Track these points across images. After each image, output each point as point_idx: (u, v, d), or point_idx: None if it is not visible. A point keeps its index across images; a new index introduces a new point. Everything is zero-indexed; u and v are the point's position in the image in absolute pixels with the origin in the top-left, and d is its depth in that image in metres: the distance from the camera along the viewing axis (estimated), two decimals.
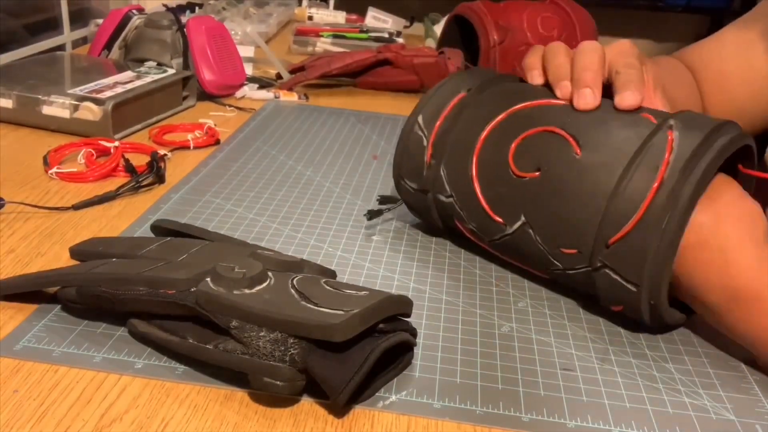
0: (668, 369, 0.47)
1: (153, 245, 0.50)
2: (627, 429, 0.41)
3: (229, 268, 0.43)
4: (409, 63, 1.07)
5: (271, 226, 0.62)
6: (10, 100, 0.79)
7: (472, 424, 0.41)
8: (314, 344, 0.40)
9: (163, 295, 0.43)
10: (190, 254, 0.47)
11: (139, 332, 0.44)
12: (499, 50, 1.07)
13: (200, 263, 0.45)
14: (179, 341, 0.43)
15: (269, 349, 0.40)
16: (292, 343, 0.40)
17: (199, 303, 0.42)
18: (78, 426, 0.38)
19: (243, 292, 0.42)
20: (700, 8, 2.76)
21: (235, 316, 0.41)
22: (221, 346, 0.41)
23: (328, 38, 1.33)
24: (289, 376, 0.39)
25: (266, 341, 0.40)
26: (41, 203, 0.62)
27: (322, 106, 1.00)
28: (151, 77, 0.87)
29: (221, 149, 0.79)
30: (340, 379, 0.39)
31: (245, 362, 0.40)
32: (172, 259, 0.47)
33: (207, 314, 0.41)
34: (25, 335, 0.44)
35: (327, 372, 0.39)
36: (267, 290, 0.43)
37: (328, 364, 0.40)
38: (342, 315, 0.40)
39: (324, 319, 0.40)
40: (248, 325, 0.40)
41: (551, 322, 0.51)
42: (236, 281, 0.42)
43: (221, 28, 1.01)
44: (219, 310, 0.41)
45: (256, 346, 0.40)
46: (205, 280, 0.43)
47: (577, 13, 1.13)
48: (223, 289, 0.42)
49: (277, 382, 0.39)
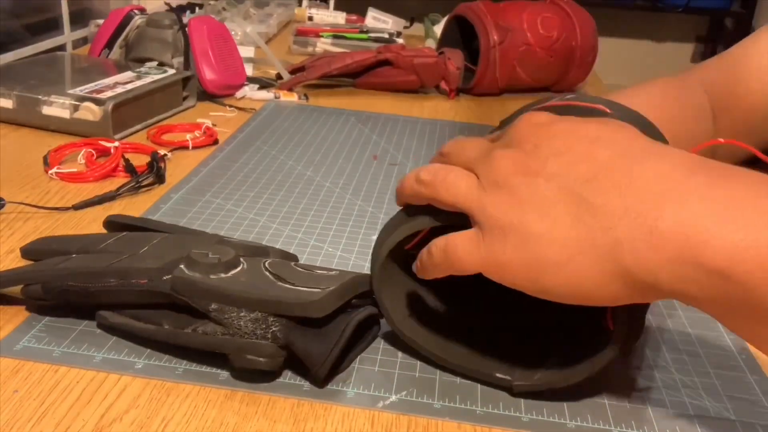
0: (668, 369, 0.47)
1: (110, 240, 0.50)
2: (627, 429, 0.41)
3: (203, 255, 0.44)
4: (409, 63, 1.07)
5: (271, 226, 0.62)
6: (11, 100, 0.79)
7: (472, 424, 0.41)
8: (293, 321, 0.42)
9: (135, 285, 0.44)
10: (152, 246, 0.48)
11: (110, 324, 0.45)
12: (499, 50, 1.07)
13: (165, 254, 0.46)
14: (155, 329, 0.43)
15: (251, 328, 0.41)
16: (273, 321, 0.41)
17: (176, 289, 0.43)
18: (78, 426, 0.38)
19: (219, 276, 0.43)
20: (700, 8, 2.76)
21: (215, 299, 0.42)
22: (200, 329, 0.42)
23: (328, 39, 1.33)
24: (270, 352, 0.41)
25: (247, 320, 0.41)
26: (41, 203, 0.62)
27: (322, 106, 1.00)
28: (151, 77, 0.87)
29: (221, 149, 0.79)
30: (320, 352, 0.41)
31: (227, 342, 0.41)
32: (135, 252, 0.47)
33: (184, 299, 0.42)
34: (25, 335, 0.44)
35: (308, 346, 0.41)
36: (242, 273, 0.44)
37: (308, 339, 0.41)
38: (319, 292, 0.42)
39: (303, 297, 0.42)
40: (228, 307, 0.42)
41: None
42: (212, 266, 0.44)
43: (222, 28, 1.02)
44: (198, 294, 0.42)
45: (237, 326, 0.41)
46: (180, 267, 0.44)
47: (577, 13, 1.14)
48: (199, 274, 0.43)
49: (260, 358, 0.41)
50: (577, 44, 1.12)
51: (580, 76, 1.17)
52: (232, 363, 0.42)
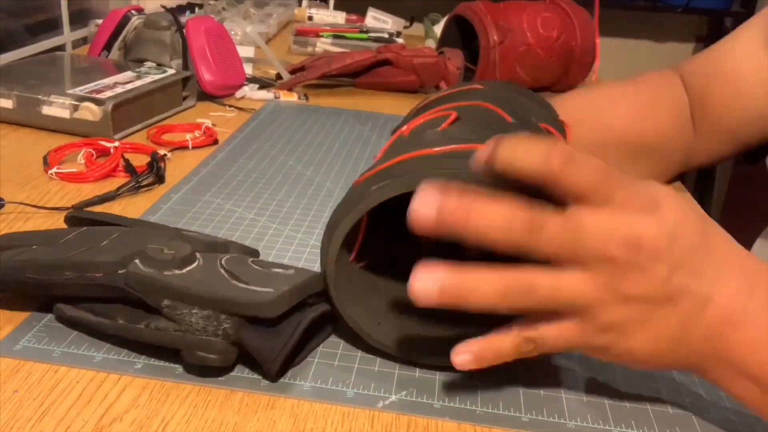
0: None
1: (71, 234, 0.50)
2: (627, 429, 0.41)
3: (158, 250, 0.44)
4: (408, 63, 1.07)
5: (271, 226, 0.62)
6: (10, 100, 0.79)
7: (472, 424, 0.41)
8: (245, 319, 0.42)
9: (91, 279, 0.44)
10: (111, 240, 0.48)
11: (67, 317, 0.45)
12: (499, 50, 1.07)
13: (124, 248, 0.46)
14: (110, 323, 0.44)
15: (202, 325, 0.41)
16: (224, 319, 0.42)
17: (129, 284, 0.43)
18: (78, 426, 0.38)
19: (173, 272, 0.43)
20: (700, 8, 2.76)
21: (167, 295, 0.42)
22: (153, 324, 0.42)
23: (328, 38, 1.33)
24: (221, 349, 0.41)
25: (199, 317, 0.42)
26: (41, 203, 0.62)
27: (322, 106, 1.00)
28: (151, 77, 0.87)
29: (221, 149, 0.79)
30: (271, 349, 0.41)
31: (178, 338, 0.42)
32: (95, 245, 0.47)
33: (138, 295, 0.43)
34: (25, 335, 0.44)
35: (259, 344, 0.42)
36: (197, 270, 0.44)
37: (259, 336, 0.42)
38: (272, 293, 0.42)
39: (254, 297, 0.42)
40: (180, 303, 0.42)
41: None
42: (166, 262, 0.44)
43: (220, 28, 1.01)
44: (151, 290, 0.43)
45: (189, 323, 0.42)
46: (134, 262, 0.44)
47: (577, 13, 1.14)
48: (154, 270, 0.43)
49: (211, 355, 0.41)
50: (577, 44, 1.12)
51: (580, 76, 1.17)
52: (184, 359, 0.42)
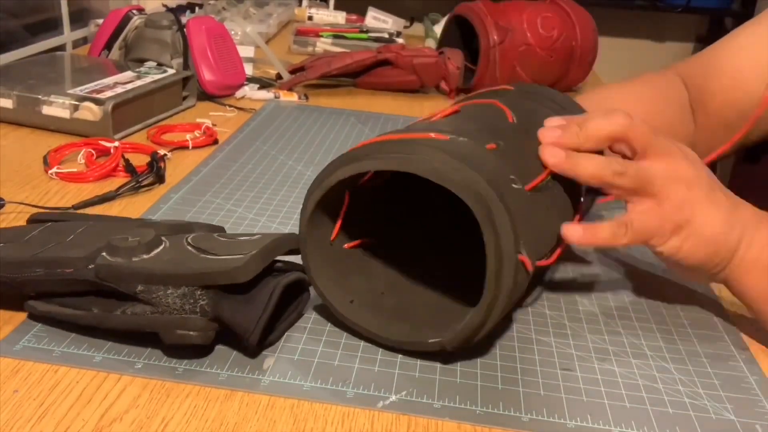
0: (668, 369, 0.47)
1: (34, 231, 0.50)
2: (627, 429, 0.41)
3: (123, 239, 0.45)
4: (409, 63, 1.07)
5: (271, 226, 0.62)
6: (10, 100, 0.79)
7: (472, 424, 0.41)
8: (221, 292, 0.42)
9: (61, 274, 0.44)
10: (77, 235, 0.48)
11: (39, 313, 0.45)
12: (499, 50, 1.07)
13: (91, 241, 0.46)
14: (84, 314, 0.44)
15: (179, 304, 0.42)
16: (200, 295, 0.42)
17: (101, 276, 0.43)
18: (78, 426, 0.38)
19: (141, 257, 0.44)
20: (700, 8, 2.76)
21: (140, 281, 0.43)
22: (129, 310, 0.43)
23: (328, 38, 1.33)
24: (201, 326, 0.42)
25: (175, 297, 0.42)
26: (41, 203, 0.62)
27: (322, 106, 1.00)
28: (151, 77, 0.87)
29: (221, 149, 0.79)
30: (250, 319, 0.42)
31: (156, 320, 0.42)
32: (61, 241, 0.47)
33: (110, 285, 0.43)
34: (25, 335, 0.44)
35: (237, 315, 0.42)
36: (165, 252, 0.45)
37: (236, 308, 0.42)
38: (242, 258, 0.42)
39: (226, 264, 0.42)
40: (154, 286, 0.42)
41: (551, 322, 0.51)
42: (132, 249, 0.44)
43: (221, 28, 1.01)
44: (123, 278, 0.43)
45: (166, 304, 0.42)
46: (102, 255, 0.44)
47: (577, 13, 1.14)
48: (122, 258, 0.44)
49: (190, 332, 0.42)
50: (577, 44, 1.12)
51: (580, 76, 1.17)
52: (164, 340, 0.42)
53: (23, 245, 0.47)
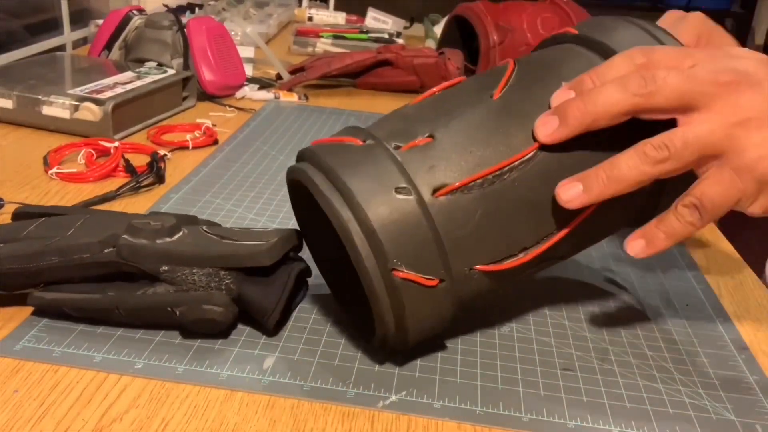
0: (668, 369, 0.47)
1: (30, 227, 0.49)
2: (627, 429, 0.41)
3: (145, 223, 0.46)
4: (409, 64, 1.07)
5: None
6: (10, 100, 0.79)
7: (472, 424, 0.41)
8: (243, 274, 0.45)
9: (78, 260, 0.45)
10: (77, 228, 0.48)
11: (46, 301, 0.45)
12: (499, 51, 1.07)
13: (97, 231, 0.47)
14: (100, 297, 0.44)
15: (205, 281, 0.44)
16: (225, 275, 0.45)
17: (123, 256, 0.44)
18: (78, 426, 0.38)
19: (165, 240, 0.45)
20: (700, 9, 2.76)
21: (167, 261, 0.44)
22: (150, 291, 0.44)
23: (328, 39, 1.33)
24: (225, 302, 0.44)
25: (200, 275, 0.44)
26: (41, 203, 0.62)
27: (322, 107, 1.00)
28: (151, 77, 0.87)
29: (221, 149, 0.79)
30: (269, 301, 0.45)
31: (181, 296, 0.44)
32: (63, 234, 0.47)
33: (134, 265, 0.44)
34: (25, 335, 0.44)
35: (258, 295, 0.45)
36: (187, 236, 0.46)
37: (257, 289, 0.45)
38: (265, 244, 0.45)
39: (251, 249, 0.45)
40: (179, 267, 0.44)
41: (551, 322, 0.51)
42: (156, 231, 0.45)
43: (221, 28, 1.01)
44: (149, 257, 0.44)
45: (192, 281, 0.44)
46: (123, 236, 0.45)
47: (577, 13, 1.14)
48: (146, 240, 0.45)
49: (215, 307, 0.43)
50: None
51: None
52: (186, 317, 0.43)
53: (25, 241, 0.47)
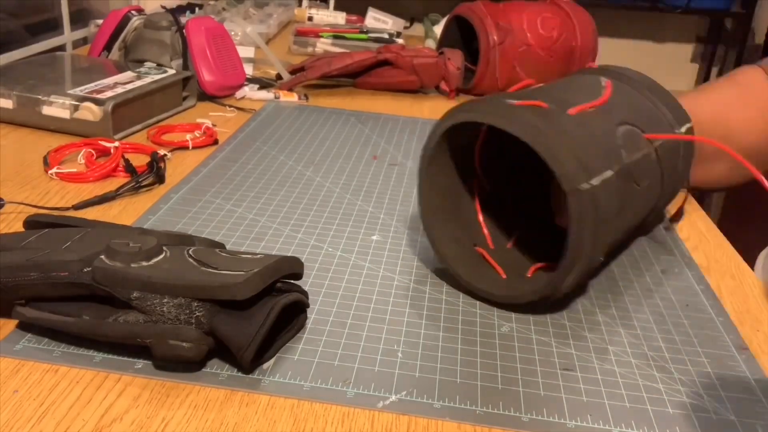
0: (668, 369, 0.47)
1: (31, 237, 0.49)
2: (627, 429, 0.41)
3: (123, 244, 0.44)
4: (408, 63, 1.07)
5: (271, 226, 0.62)
6: (10, 100, 0.79)
7: (472, 424, 0.41)
8: (218, 306, 0.41)
9: (57, 278, 0.43)
10: (74, 241, 0.47)
11: (27, 319, 0.44)
12: (499, 51, 1.07)
13: (88, 247, 0.45)
14: (74, 321, 0.43)
15: (174, 314, 0.41)
16: (197, 306, 0.41)
17: (97, 279, 0.42)
18: (78, 426, 0.38)
19: (140, 264, 0.43)
20: (700, 9, 2.76)
21: (137, 287, 0.42)
22: (121, 318, 0.42)
23: (328, 39, 1.33)
24: (195, 337, 0.40)
25: (170, 306, 0.41)
26: (41, 203, 0.62)
27: (322, 107, 1.00)
28: (151, 78, 0.87)
29: (221, 149, 0.79)
30: (245, 336, 0.41)
31: (148, 328, 0.41)
32: (57, 248, 0.46)
33: (106, 289, 0.42)
34: (25, 335, 0.44)
35: (232, 331, 0.41)
36: (164, 261, 0.44)
37: (232, 323, 0.41)
38: (243, 275, 0.42)
39: (226, 280, 0.41)
40: (150, 294, 0.41)
41: (551, 322, 0.51)
42: (132, 254, 0.43)
43: (221, 28, 1.01)
44: (119, 283, 0.42)
45: (161, 312, 0.41)
46: (100, 257, 0.43)
47: (577, 13, 1.14)
48: (120, 263, 0.43)
49: (183, 343, 0.40)
50: (577, 44, 1.12)
51: None
52: (154, 353, 0.41)
53: (19, 251, 0.47)
